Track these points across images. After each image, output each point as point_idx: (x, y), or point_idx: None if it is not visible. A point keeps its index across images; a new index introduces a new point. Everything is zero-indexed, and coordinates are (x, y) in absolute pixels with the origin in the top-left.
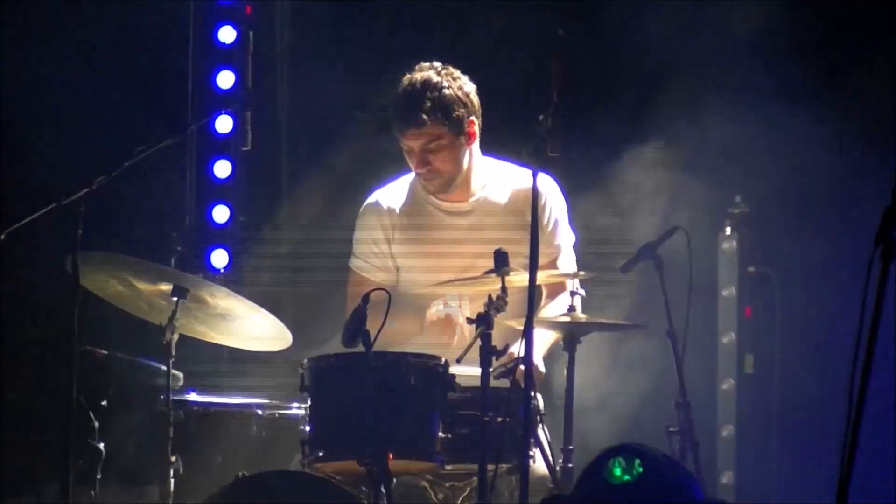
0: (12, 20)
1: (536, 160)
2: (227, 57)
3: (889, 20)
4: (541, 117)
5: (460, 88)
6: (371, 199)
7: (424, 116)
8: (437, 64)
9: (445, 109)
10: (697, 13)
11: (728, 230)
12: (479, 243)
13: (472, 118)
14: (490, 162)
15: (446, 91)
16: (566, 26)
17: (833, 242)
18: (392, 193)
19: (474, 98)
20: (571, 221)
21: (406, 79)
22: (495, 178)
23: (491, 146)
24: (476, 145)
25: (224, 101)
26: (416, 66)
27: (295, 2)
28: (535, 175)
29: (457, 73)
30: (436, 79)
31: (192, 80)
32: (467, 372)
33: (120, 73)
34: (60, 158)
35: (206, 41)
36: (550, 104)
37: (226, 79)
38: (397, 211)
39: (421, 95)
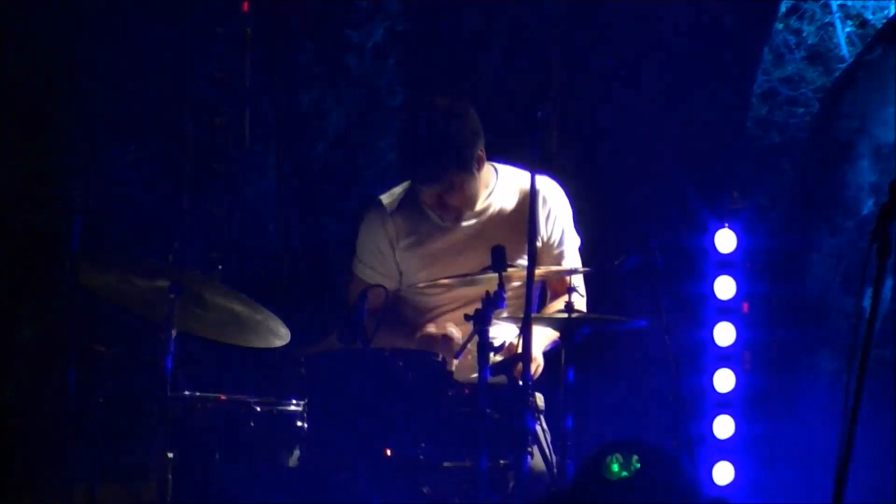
0: (10, 17)
1: (535, 158)
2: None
3: None
4: (539, 114)
5: (468, 125)
6: (375, 203)
7: (440, 172)
8: (441, 100)
9: (460, 158)
10: (696, 8)
11: (725, 225)
12: (484, 248)
13: (481, 146)
14: (494, 167)
15: (458, 137)
16: (565, 23)
17: (831, 235)
18: (396, 198)
19: (479, 124)
20: (576, 223)
21: (411, 121)
22: (500, 183)
23: (491, 148)
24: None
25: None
26: (420, 104)
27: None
28: (533, 174)
29: (461, 105)
30: (443, 123)
31: (190, 78)
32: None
33: (117, 70)
34: (58, 155)
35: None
36: (548, 102)
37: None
38: (401, 216)
39: (434, 149)
